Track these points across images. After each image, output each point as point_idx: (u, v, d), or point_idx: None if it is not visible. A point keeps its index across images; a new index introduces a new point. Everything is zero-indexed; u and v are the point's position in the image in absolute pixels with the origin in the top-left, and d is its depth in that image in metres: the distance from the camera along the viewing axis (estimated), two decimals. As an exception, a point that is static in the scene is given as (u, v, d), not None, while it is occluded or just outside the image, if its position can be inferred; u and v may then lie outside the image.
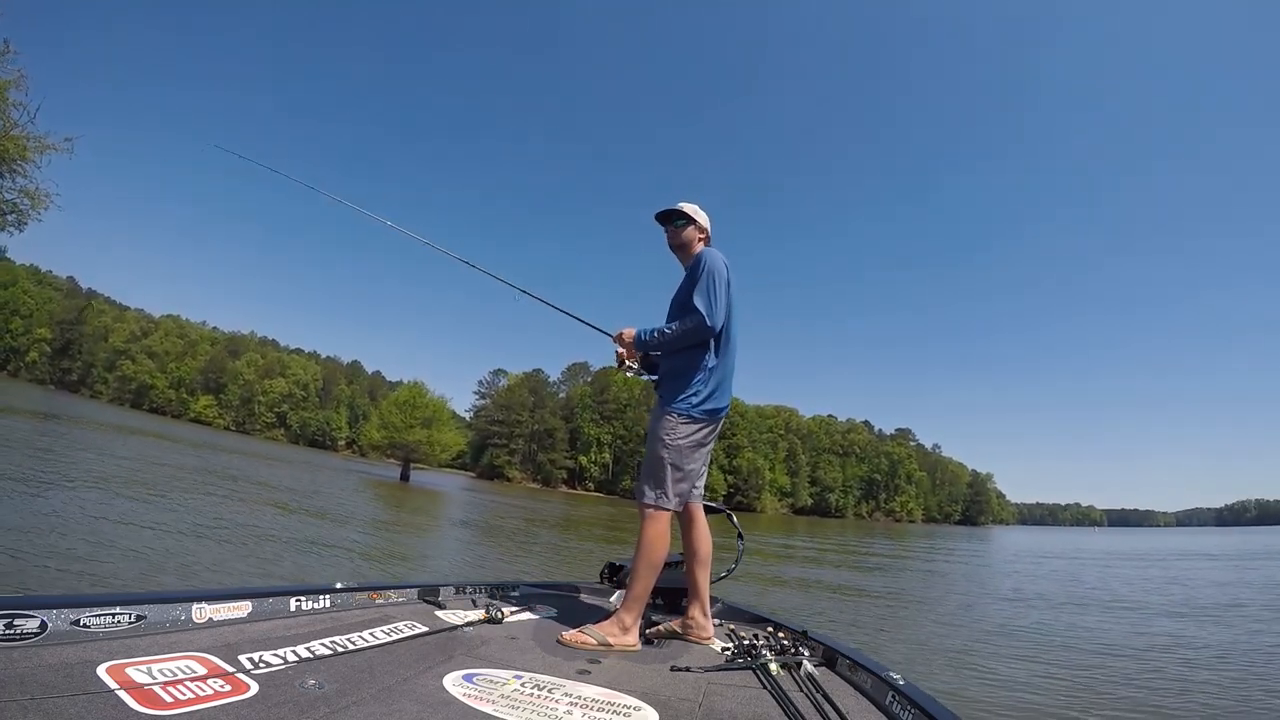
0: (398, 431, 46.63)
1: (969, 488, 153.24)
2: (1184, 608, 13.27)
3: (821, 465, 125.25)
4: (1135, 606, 13.55)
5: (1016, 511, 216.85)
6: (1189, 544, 55.70)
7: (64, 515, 9.41)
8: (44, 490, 11.31)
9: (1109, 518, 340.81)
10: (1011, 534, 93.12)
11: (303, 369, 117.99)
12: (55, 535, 8.13)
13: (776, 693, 2.08)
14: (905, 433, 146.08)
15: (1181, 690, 6.76)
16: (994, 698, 6.20)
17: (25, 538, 7.67)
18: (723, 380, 3.01)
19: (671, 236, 3.25)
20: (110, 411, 71.08)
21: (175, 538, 9.48)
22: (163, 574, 7.37)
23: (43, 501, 10.26)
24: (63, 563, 6.92)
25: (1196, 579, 20.65)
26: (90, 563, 7.19)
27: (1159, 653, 8.69)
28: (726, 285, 2.96)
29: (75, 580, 6.36)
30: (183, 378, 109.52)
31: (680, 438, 2.88)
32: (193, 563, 8.16)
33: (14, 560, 6.67)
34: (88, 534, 8.59)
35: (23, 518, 8.75)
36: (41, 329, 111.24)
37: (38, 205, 19.02)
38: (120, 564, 7.42)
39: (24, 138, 18.16)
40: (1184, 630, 10.56)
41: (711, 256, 3.00)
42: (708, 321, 2.87)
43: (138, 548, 8.35)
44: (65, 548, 7.60)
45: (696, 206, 3.25)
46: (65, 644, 1.70)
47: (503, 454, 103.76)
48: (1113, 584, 18.29)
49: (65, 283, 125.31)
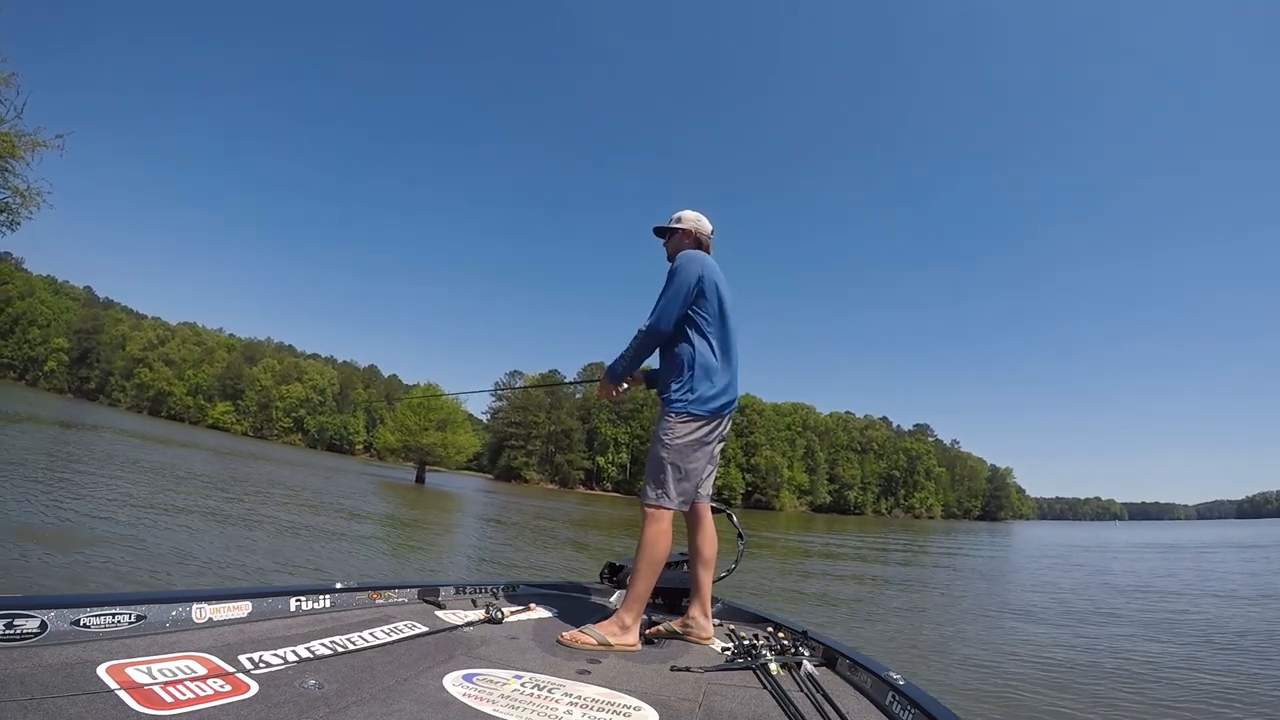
0: (412, 434, 46.28)
1: (988, 483, 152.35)
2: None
3: (840, 462, 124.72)
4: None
5: (1036, 506, 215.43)
6: (1222, 535, 55.31)
7: (116, 521, 9.71)
8: (79, 492, 11.58)
9: (1129, 511, 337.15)
10: (1035, 528, 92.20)
11: (319, 374, 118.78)
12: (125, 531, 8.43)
13: (776, 693, 2.08)
14: (924, 428, 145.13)
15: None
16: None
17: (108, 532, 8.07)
18: (720, 377, 2.98)
19: (666, 249, 3.31)
20: (129, 419, 71.58)
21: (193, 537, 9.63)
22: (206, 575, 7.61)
23: (82, 503, 10.66)
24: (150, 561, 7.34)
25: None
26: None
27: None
28: (698, 283, 2.95)
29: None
30: (200, 384, 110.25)
31: (678, 437, 2.87)
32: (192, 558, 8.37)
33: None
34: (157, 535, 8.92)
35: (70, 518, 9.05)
36: (59, 338, 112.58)
37: (28, 204, 18.63)
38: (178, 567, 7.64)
39: (13, 135, 17.73)
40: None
41: (682, 260, 3.01)
42: (657, 327, 2.94)
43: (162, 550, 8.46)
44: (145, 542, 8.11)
45: (690, 212, 3.29)
46: (65, 644, 1.70)
47: (520, 455, 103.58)
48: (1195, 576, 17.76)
49: (82, 292, 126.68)
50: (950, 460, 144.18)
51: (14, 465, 14.25)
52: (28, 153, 18.09)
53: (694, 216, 3.27)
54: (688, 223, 3.25)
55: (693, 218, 3.26)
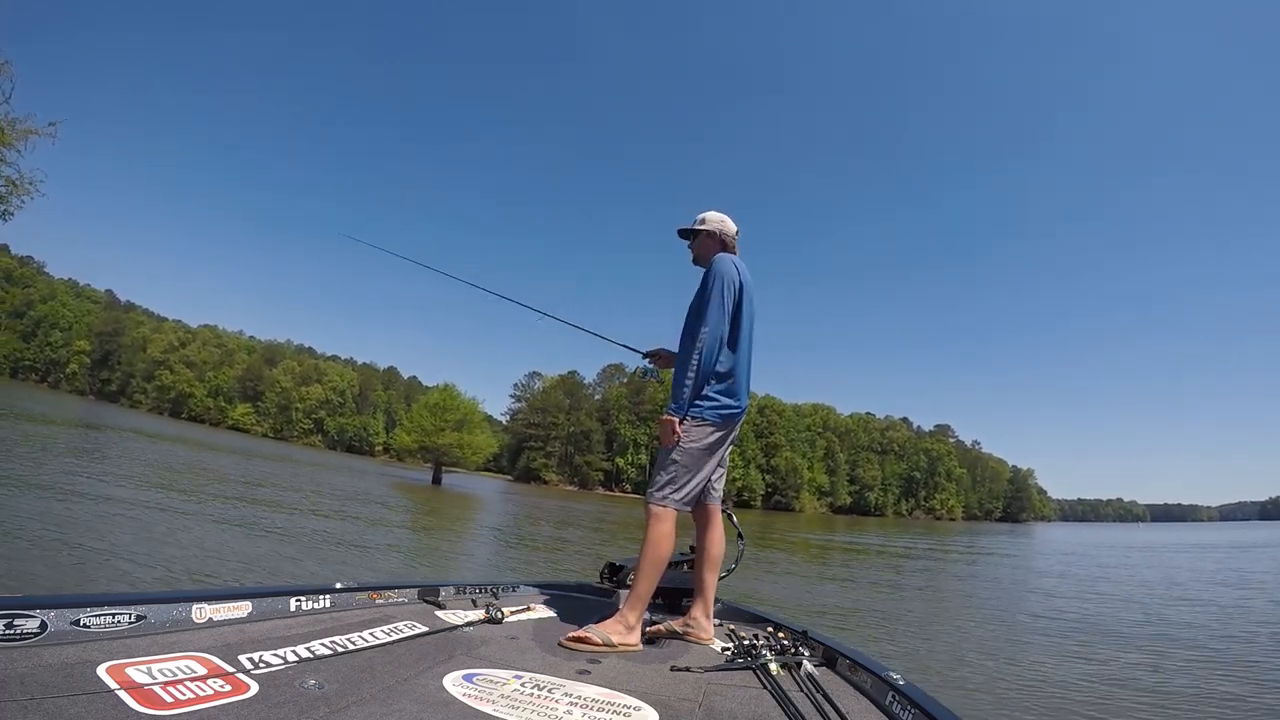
0: (428, 435, 45.87)
1: (1010, 484, 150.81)
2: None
3: (860, 463, 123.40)
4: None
5: (1058, 507, 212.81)
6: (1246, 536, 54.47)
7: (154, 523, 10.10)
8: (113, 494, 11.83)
9: (1151, 512, 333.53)
10: (1058, 530, 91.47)
11: (339, 375, 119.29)
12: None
13: (776, 693, 2.09)
14: (944, 429, 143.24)
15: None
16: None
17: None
18: (735, 382, 2.99)
19: (691, 250, 3.29)
20: (150, 420, 72.14)
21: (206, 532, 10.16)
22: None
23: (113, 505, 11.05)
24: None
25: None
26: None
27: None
28: (737, 291, 2.97)
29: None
30: (220, 386, 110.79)
31: (693, 442, 2.88)
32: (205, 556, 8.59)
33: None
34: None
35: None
36: (81, 341, 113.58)
37: (19, 192, 18.18)
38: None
39: (2, 122, 17.28)
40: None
41: (720, 265, 3.00)
42: (716, 334, 2.90)
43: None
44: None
45: (714, 213, 3.26)
46: (65, 644, 1.70)
47: (539, 457, 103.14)
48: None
49: (104, 295, 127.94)
50: (971, 461, 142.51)
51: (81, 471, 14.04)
52: (20, 141, 17.66)
53: (719, 218, 3.24)
54: (712, 224, 3.22)
55: (717, 219, 3.24)
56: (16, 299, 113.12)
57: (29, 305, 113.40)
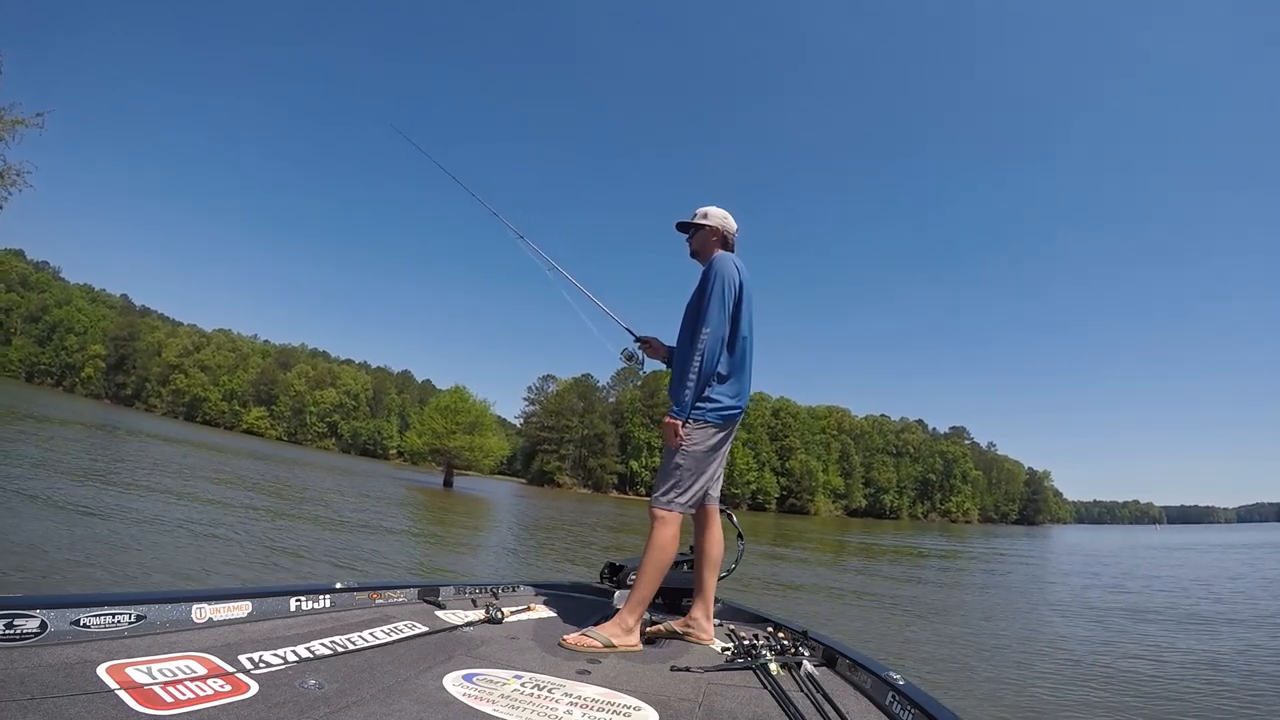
0: (439, 437, 45.59)
1: (1026, 486, 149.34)
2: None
3: (875, 466, 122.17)
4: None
5: (1074, 510, 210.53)
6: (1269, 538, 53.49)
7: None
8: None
9: (1168, 514, 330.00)
10: (1076, 533, 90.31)
11: (353, 379, 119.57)
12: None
13: (776, 693, 2.10)
14: (960, 431, 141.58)
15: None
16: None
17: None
18: (736, 383, 2.98)
19: (690, 244, 3.25)
20: (166, 424, 72.31)
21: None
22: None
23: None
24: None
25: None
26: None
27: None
28: (737, 290, 2.94)
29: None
30: (235, 390, 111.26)
31: (695, 444, 2.86)
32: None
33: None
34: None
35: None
36: (96, 345, 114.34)
37: (6, 182, 17.96)
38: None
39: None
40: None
41: (720, 264, 2.96)
42: (718, 334, 2.86)
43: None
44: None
45: (716, 209, 3.21)
46: (65, 644, 1.70)
47: (553, 460, 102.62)
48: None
49: (119, 300, 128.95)
50: (987, 463, 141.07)
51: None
52: (6, 132, 17.45)
53: (720, 214, 3.19)
54: (714, 220, 3.17)
55: (719, 215, 3.18)
56: (32, 304, 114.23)
57: (45, 310, 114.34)
